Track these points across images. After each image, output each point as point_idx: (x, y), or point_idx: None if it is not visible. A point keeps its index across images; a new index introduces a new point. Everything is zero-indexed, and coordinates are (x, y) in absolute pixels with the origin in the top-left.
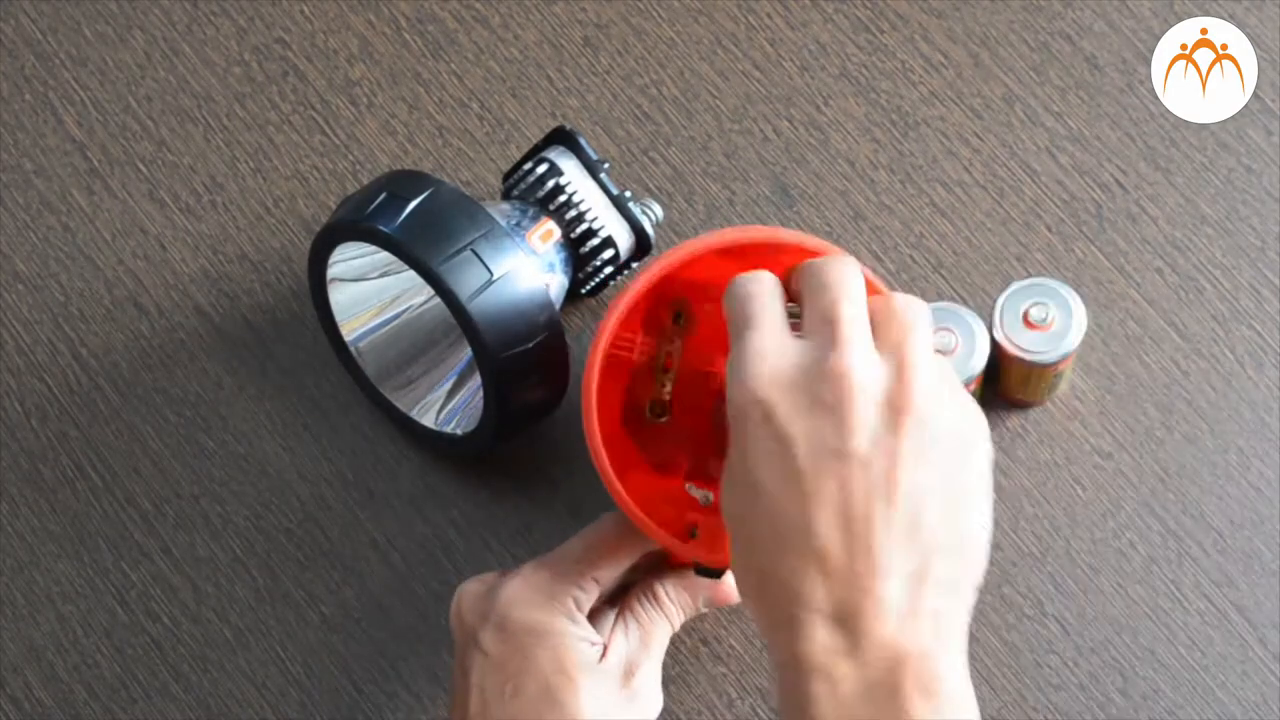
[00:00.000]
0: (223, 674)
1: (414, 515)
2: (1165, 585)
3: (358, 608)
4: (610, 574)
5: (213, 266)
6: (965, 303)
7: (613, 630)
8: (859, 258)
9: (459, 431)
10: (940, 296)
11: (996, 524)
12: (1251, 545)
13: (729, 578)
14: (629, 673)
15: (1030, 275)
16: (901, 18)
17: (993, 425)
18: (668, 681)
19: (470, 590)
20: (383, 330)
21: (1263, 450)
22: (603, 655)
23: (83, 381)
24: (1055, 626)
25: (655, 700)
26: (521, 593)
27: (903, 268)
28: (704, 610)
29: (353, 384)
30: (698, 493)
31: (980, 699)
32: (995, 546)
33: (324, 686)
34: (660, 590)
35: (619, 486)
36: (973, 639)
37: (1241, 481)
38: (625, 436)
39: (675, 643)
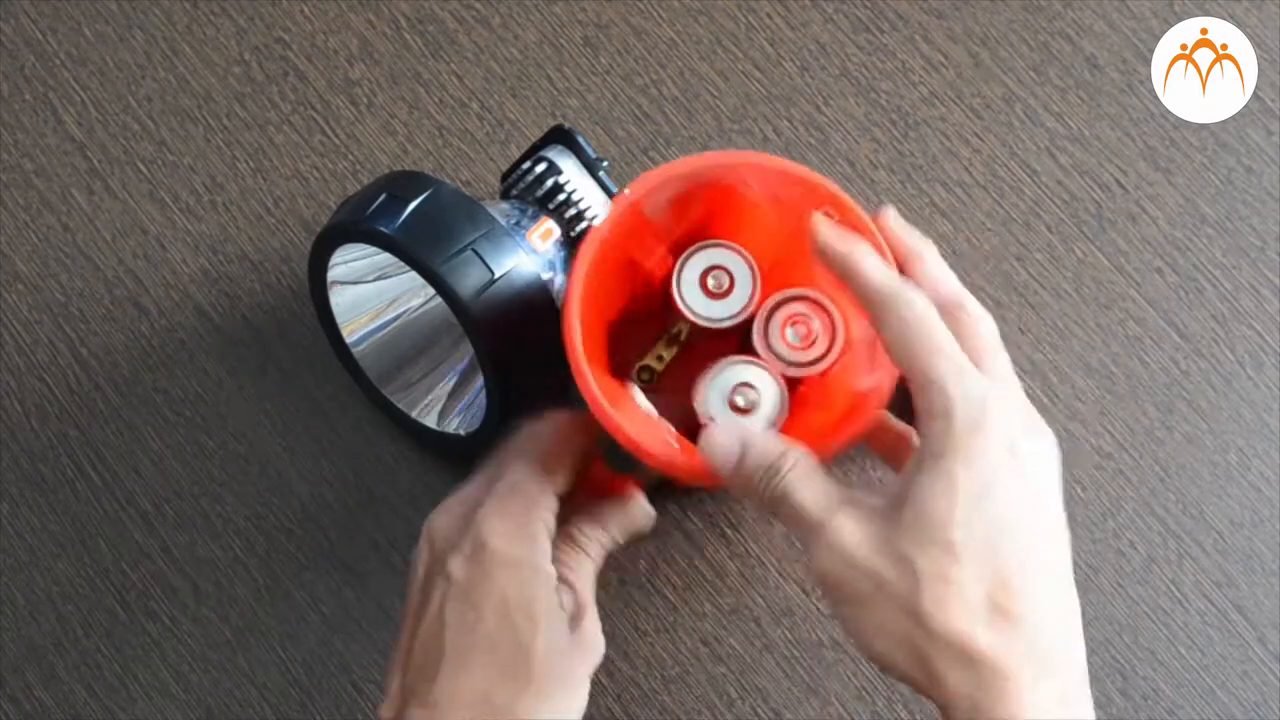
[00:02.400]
0: (223, 674)
1: (414, 515)
2: (1165, 585)
3: (358, 608)
4: (565, 479)
5: (213, 266)
6: None
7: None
8: None
9: (462, 432)
10: None
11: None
12: (1251, 545)
13: (639, 504)
14: (576, 619)
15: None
16: (901, 18)
17: None
18: (668, 681)
19: (441, 521)
20: (382, 333)
21: (1263, 450)
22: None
23: (83, 381)
24: None
25: (599, 644)
26: (497, 523)
27: None
28: (620, 542)
29: (353, 384)
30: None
31: None
32: None
33: (324, 686)
34: (575, 531)
35: (583, 364)
36: None
37: (1241, 481)
38: (606, 341)
39: (675, 643)
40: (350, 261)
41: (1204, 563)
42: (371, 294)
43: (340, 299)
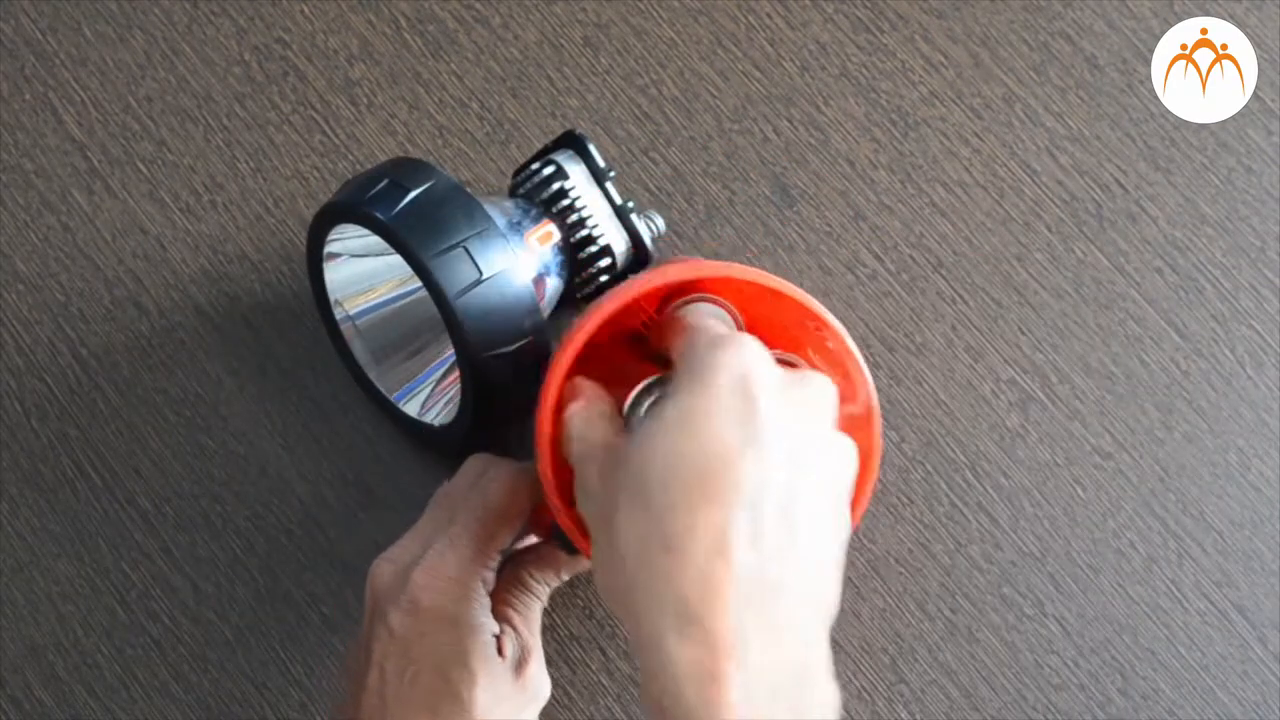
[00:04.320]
0: (223, 674)
1: (414, 516)
2: (1165, 585)
3: (358, 608)
4: (509, 537)
5: (213, 266)
6: (964, 302)
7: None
8: (859, 257)
9: (437, 423)
10: (940, 297)
11: (997, 524)
12: (1251, 545)
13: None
14: (521, 664)
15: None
16: (901, 18)
17: (994, 424)
18: None
19: (383, 570)
20: (387, 309)
21: (1263, 450)
22: (499, 650)
23: (83, 381)
24: (1055, 626)
25: (545, 686)
26: (432, 580)
27: (903, 268)
28: (565, 579)
29: (353, 383)
30: None
31: (980, 699)
32: (995, 546)
33: (324, 686)
34: (524, 575)
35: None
36: (973, 639)
37: (1241, 481)
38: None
39: None
40: (363, 236)
41: (1204, 563)
42: (383, 267)
43: (347, 270)
